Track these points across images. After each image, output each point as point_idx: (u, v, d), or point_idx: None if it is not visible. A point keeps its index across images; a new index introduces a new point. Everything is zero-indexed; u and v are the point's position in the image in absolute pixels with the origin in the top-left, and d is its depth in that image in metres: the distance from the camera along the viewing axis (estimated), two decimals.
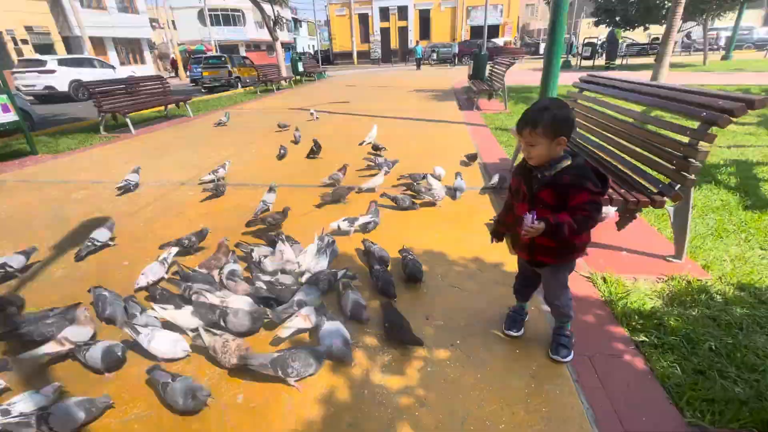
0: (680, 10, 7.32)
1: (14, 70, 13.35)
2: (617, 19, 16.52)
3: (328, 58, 37.03)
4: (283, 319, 1.78)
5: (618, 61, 17.09)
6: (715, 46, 25.26)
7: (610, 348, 1.70)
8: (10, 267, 2.34)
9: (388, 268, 2.23)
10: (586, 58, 19.08)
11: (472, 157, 4.16)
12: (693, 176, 1.96)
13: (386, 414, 1.43)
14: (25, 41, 18.08)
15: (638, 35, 22.73)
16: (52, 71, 13.09)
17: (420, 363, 1.66)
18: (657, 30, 18.21)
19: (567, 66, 17.97)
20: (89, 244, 2.61)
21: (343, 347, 1.60)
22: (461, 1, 33.95)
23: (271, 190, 3.15)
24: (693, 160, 1.94)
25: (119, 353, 1.61)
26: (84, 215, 3.30)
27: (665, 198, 2.03)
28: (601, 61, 18.44)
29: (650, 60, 9.73)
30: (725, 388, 1.46)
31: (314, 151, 4.67)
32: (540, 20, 40.98)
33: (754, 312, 1.85)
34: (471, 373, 1.59)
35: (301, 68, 15.79)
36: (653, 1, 14.20)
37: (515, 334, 1.76)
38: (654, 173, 2.24)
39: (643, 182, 2.22)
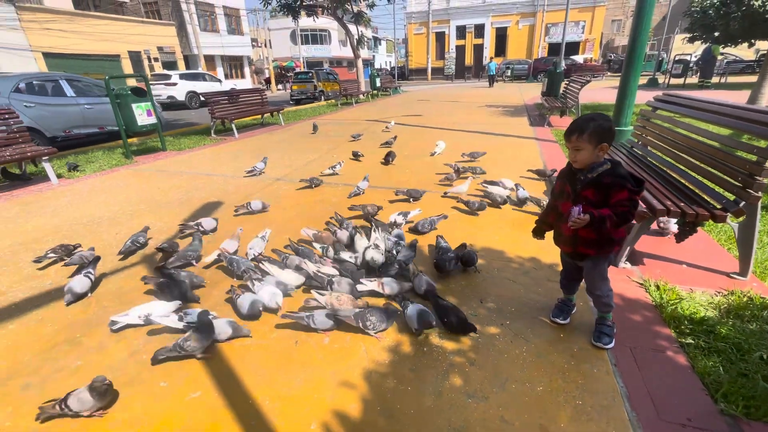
0: None
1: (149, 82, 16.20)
2: (716, 34, 14.90)
3: (404, 74, 38.38)
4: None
5: (715, 80, 15.41)
6: None
7: (653, 344, 1.83)
8: (203, 227, 3.16)
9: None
10: (676, 76, 17.43)
11: (542, 173, 4.29)
12: (758, 193, 2.01)
13: (441, 366, 1.75)
14: (156, 59, 21.84)
15: (742, 51, 20.22)
16: (175, 84, 15.64)
17: (472, 334, 1.95)
18: (765, 46, 16.12)
19: (654, 84, 16.61)
20: (245, 206, 3.55)
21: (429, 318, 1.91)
22: (540, 19, 33.17)
23: (365, 179, 3.98)
24: (759, 178, 2.01)
25: (260, 307, 2.08)
26: (203, 199, 4.10)
27: (728, 213, 2.10)
28: (693, 79, 16.80)
29: (755, 78, 8.73)
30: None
31: (389, 160, 5.17)
32: (626, 36, 38.26)
33: None
34: (517, 346, 1.85)
35: (378, 83, 16.77)
36: (760, 15, 12.62)
37: (561, 321, 1.97)
38: (719, 189, 2.29)
39: (706, 197, 2.28)
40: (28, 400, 1.62)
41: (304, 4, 15.25)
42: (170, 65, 22.52)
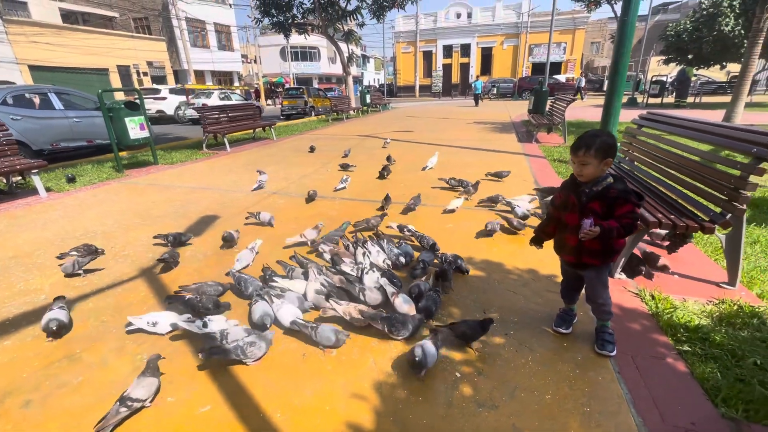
0: (758, 49, 7.09)
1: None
2: (690, 57, 15.83)
3: (392, 90, 39.16)
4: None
5: (690, 99, 16.28)
6: None
7: (653, 351, 1.89)
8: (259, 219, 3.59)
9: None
10: (653, 96, 18.34)
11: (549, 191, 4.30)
12: (743, 206, 2.13)
13: (450, 377, 1.76)
14: (145, 73, 21.81)
15: (714, 73, 21.47)
16: (164, 98, 15.55)
17: (477, 344, 1.98)
18: (736, 68, 17.16)
19: (633, 103, 17.40)
20: (255, 215, 3.62)
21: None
22: (524, 40, 34.50)
23: (388, 195, 4.04)
24: (743, 191, 2.13)
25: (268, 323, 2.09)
26: (200, 212, 4.07)
27: (715, 225, 2.21)
28: (670, 99, 17.71)
29: (728, 99, 9.32)
30: (765, 395, 1.61)
31: (383, 174, 5.25)
32: (605, 57, 40.15)
33: None
34: (523, 356, 1.89)
35: (368, 100, 17.06)
36: (730, 40, 13.51)
37: (564, 331, 2.02)
38: (706, 203, 2.41)
39: (695, 210, 2.40)
40: (29, 417, 1.57)
41: (295, 22, 15.54)
42: (159, 80, 22.49)
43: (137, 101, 6.27)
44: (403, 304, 2.15)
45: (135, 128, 6.08)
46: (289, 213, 4.02)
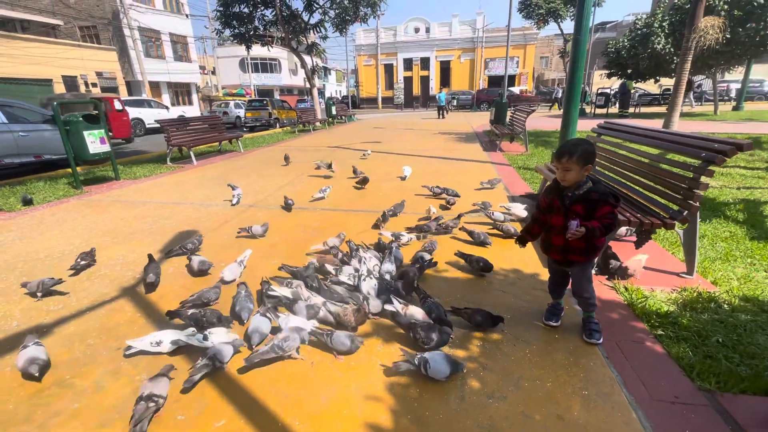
0: (688, 65, 7.99)
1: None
2: (629, 71, 17.48)
3: (355, 102, 39.54)
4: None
5: (631, 110, 17.98)
6: (726, 97, 26.23)
7: (633, 336, 2.09)
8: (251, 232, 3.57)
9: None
10: (599, 107, 20.05)
11: (533, 196, 4.50)
12: (697, 203, 2.42)
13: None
14: (95, 84, 20.46)
15: (649, 86, 23.88)
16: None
17: (478, 342, 2.08)
18: (667, 82, 19.18)
19: (582, 113, 18.89)
20: (247, 230, 3.58)
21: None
22: (480, 54, 36.26)
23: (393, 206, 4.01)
24: (696, 191, 2.42)
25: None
26: (175, 228, 3.92)
27: (675, 221, 2.48)
28: (614, 109, 19.44)
29: (662, 109, 10.44)
30: (730, 369, 1.83)
31: (361, 184, 5.33)
32: (554, 71, 43.07)
33: (756, 318, 2.21)
34: (520, 349, 2.01)
35: (333, 111, 17.13)
36: (662, 57, 15.06)
37: (554, 324, 2.18)
38: (665, 202, 2.70)
39: (656, 209, 2.68)
40: None
41: (257, 34, 15.37)
42: (110, 91, 21.22)
43: (97, 113, 5.95)
44: (415, 313, 2.23)
45: (95, 142, 5.75)
46: (271, 225, 3.97)
